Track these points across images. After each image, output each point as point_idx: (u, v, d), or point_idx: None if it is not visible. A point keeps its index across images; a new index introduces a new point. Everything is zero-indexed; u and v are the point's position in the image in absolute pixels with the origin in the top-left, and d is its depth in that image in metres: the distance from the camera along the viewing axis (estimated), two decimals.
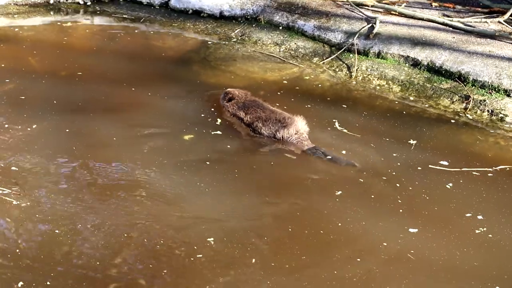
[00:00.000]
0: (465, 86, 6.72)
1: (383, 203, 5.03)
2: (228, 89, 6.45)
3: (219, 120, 6.10)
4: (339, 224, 4.75)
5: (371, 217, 4.85)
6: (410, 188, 5.21)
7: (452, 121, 6.35)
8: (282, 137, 5.82)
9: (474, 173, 5.43)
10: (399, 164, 5.51)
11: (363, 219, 4.83)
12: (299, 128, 5.86)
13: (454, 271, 4.41)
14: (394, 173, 5.39)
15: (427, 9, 8.18)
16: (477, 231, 4.75)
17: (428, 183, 5.28)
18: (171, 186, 5.07)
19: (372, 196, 5.09)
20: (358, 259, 4.44)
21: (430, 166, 5.48)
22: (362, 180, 5.30)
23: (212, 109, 6.28)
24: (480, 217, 4.90)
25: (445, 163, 5.55)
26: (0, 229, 4.53)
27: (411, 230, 4.73)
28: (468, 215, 4.92)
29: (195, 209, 4.84)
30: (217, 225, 4.68)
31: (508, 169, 5.53)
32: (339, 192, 5.11)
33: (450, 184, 5.27)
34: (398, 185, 5.24)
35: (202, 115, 6.17)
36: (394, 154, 5.67)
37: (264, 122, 5.92)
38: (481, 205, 5.02)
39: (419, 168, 5.47)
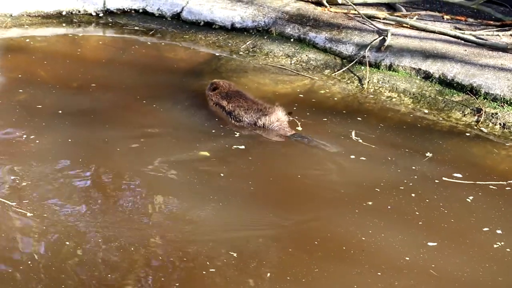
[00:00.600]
0: (477, 99, 6.72)
1: (401, 215, 5.00)
2: (214, 80, 6.62)
3: (237, 134, 6.08)
4: (361, 238, 4.72)
5: (390, 229, 4.82)
6: (427, 200, 5.19)
7: (466, 133, 6.34)
8: (264, 124, 6.03)
9: (491, 186, 5.41)
10: (416, 176, 5.49)
11: (383, 231, 4.80)
12: (280, 116, 6.06)
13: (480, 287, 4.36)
14: (411, 184, 5.37)
15: (439, 22, 8.17)
16: (495, 246, 4.71)
17: (445, 196, 5.25)
18: (184, 199, 5.05)
19: (389, 207, 5.07)
20: (379, 273, 4.40)
21: (444, 178, 5.47)
22: (378, 190, 5.28)
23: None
24: (499, 231, 4.87)
25: (460, 175, 5.54)
26: (12, 241, 4.52)
27: (430, 243, 4.69)
28: (485, 229, 4.89)
29: (208, 222, 4.82)
30: (230, 239, 4.65)
31: None
32: (358, 204, 5.09)
33: (468, 197, 5.24)
34: (413, 195, 5.22)
35: (216, 128, 6.16)
36: (411, 166, 5.65)
37: (246, 110, 6.11)
38: (500, 219, 4.99)
39: (436, 180, 5.45)
